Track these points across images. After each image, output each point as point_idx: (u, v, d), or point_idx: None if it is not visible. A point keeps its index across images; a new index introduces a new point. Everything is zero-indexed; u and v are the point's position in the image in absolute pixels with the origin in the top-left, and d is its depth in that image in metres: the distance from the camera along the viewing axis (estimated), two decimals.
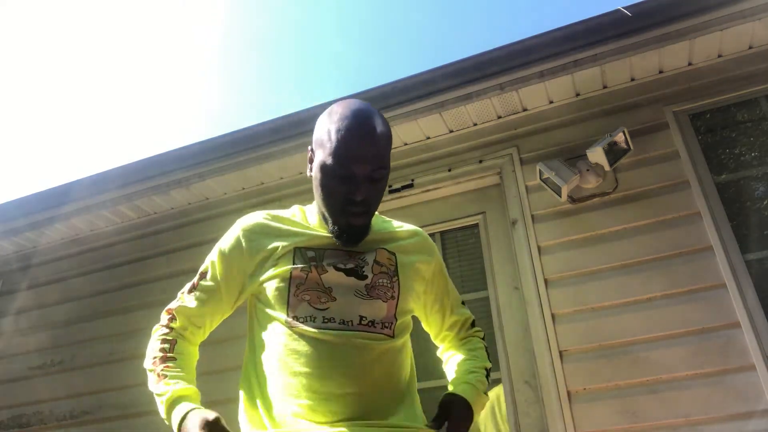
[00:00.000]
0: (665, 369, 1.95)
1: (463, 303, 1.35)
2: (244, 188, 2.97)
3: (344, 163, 1.04)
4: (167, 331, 1.16)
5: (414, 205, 2.68)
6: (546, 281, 2.23)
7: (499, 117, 2.61)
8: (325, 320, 1.05)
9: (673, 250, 2.11)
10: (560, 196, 2.27)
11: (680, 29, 2.20)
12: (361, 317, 1.07)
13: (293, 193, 2.88)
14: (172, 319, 1.18)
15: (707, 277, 2.03)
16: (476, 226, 2.57)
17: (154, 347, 1.14)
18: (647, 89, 2.43)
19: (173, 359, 1.11)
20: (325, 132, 1.08)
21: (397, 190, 2.66)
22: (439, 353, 1.36)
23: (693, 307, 2.00)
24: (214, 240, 1.23)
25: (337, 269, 1.09)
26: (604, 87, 2.49)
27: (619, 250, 2.18)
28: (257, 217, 1.20)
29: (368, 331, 1.06)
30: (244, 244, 1.15)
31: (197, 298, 1.17)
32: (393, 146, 2.90)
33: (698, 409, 1.87)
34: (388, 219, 1.29)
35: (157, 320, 1.24)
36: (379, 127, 1.08)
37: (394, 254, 1.17)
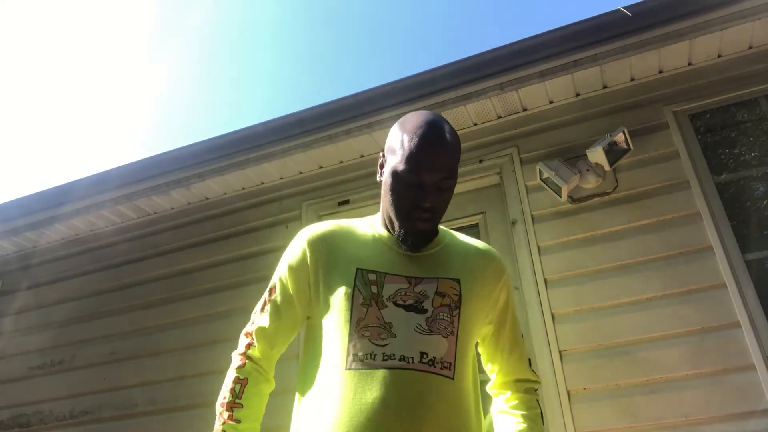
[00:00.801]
0: (665, 369, 1.95)
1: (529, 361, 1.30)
2: (244, 188, 2.97)
3: (415, 170, 1.07)
4: (242, 363, 1.15)
5: None
6: (546, 281, 2.23)
7: (499, 117, 2.61)
8: (386, 357, 1.03)
9: (673, 250, 2.11)
10: (560, 196, 2.27)
11: (680, 29, 2.20)
12: (422, 354, 1.04)
13: (293, 193, 2.88)
14: (251, 345, 1.17)
15: (707, 277, 2.03)
16: (476, 226, 2.56)
17: (226, 384, 1.14)
18: (647, 89, 2.43)
19: (239, 407, 1.11)
20: (398, 140, 1.12)
21: None
22: (489, 388, 1.29)
23: (693, 307, 2.00)
24: (215, 240, 1.24)
25: (397, 305, 1.08)
26: (604, 87, 2.49)
27: (619, 250, 2.18)
28: (322, 227, 1.21)
29: (428, 371, 1.03)
30: (309, 256, 1.16)
31: (271, 315, 1.18)
32: None
33: (698, 409, 1.87)
34: (461, 236, 1.28)
35: (158, 320, 1.24)
36: (450, 138, 1.11)
37: (458, 281, 1.14)
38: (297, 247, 1.19)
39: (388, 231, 1.18)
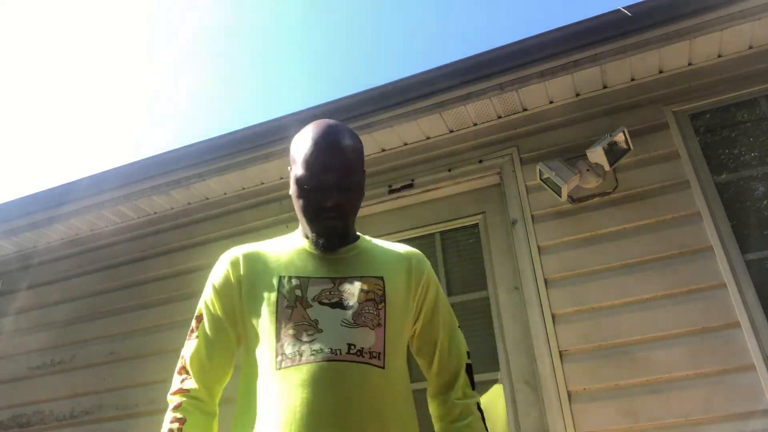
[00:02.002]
0: (665, 369, 1.95)
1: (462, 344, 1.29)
2: (244, 188, 2.97)
3: (313, 173, 1.12)
4: (178, 403, 1.12)
5: (414, 205, 2.69)
6: (546, 281, 2.23)
7: (499, 117, 2.61)
8: (313, 352, 1.05)
9: (673, 250, 2.11)
10: (560, 196, 2.27)
11: (680, 29, 2.20)
12: (350, 345, 1.06)
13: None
14: (186, 379, 1.14)
15: (707, 277, 2.03)
16: (476, 226, 2.57)
17: (164, 426, 1.10)
18: (647, 89, 2.43)
19: None
20: (296, 149, 1.17)
21: (397, 190, 2.66)
22: (429, 397, 1.30)
23: (693, 307, 2.00)
24: (214, 240, 1.24)
25: (322, 304, 1.10)
26: (604, 87, 2.49)
27: (619, 250, 2.18)
28: (242, 247, 1.23)
29: (357, 361, 1.05)
30: (232, 275, 1.18)
31: (201, 342, 1.16)
32: (393, 146, 2.93)
33: (698, 409, 1.87)
34: (381, 242, 1.29)
35: (158, 320, 1.24)
36: (345, 140, 1.16)
37: (381, 278, 1.17)
38: (220, 269, 1.21)
39: (308, 239, 1.21)
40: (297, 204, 1.17)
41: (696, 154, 2.24)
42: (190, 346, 1.16)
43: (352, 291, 1.13)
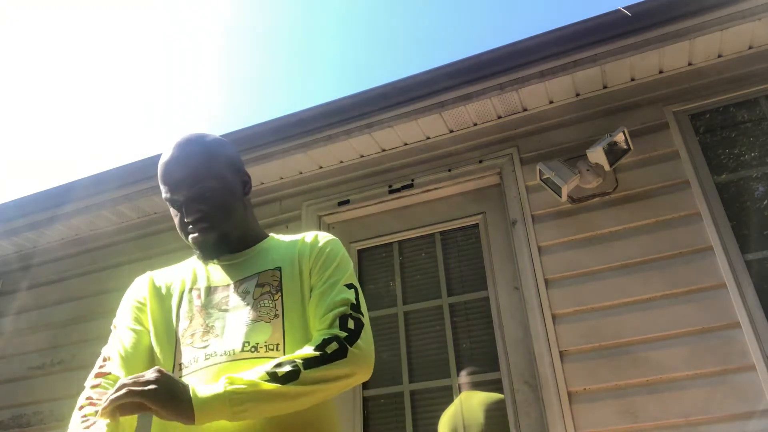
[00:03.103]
0: (665, 369, 1.95)
1: (353, 297, 1.10)
2: None
3: (166, 195, 1.15)
4: (97, 383, 1.05)
5: (414, 205, 2.69)
6: (546, 281, 2.23)
7: (499, 117, 2.61)
8: (207, 356, 1.03)
9: (673, 250, 2.11)
10: (560, 196, 2.27)
11: (680, 29, 2.20)
12: (244, 343, 1.03)
13: (293, 193, 2.88)
14: (105, 365, 1.09)
15: (707, 277, 2.03)
16: (476, 226, 2.57)
17: (74, 417, 1.01)
18: (647, 89, 2.43)
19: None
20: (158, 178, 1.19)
21: (397, 190, 2.67)
22: None
23: (693, 307, 2.00)
24: None
25: (222, 310, 1.10)
26: (604, 87, 2.49)
27: (619, 250, 2.18)
28: (149, 272, 1.25)
29: (251, 357, 1.01)
30: (138, 293, 1.20)
31: (118, 341, 1.12)
32: (393, 146, 2.92)
33: (698, 409, 1.87)
34: (292, 236, 1.24)
35: None
36: (190, 149, 1.15)
37: (278, 269, 1.14)
38: (131, 289, 1.23)
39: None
40: (175, 223, 1.18)
41: (696, 154, 2.24)
42: (106, 351, 1.13)
43: (249, 289, 1.12)
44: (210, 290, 1.14)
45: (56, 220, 3.10)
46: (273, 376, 0.93)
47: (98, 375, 1.07)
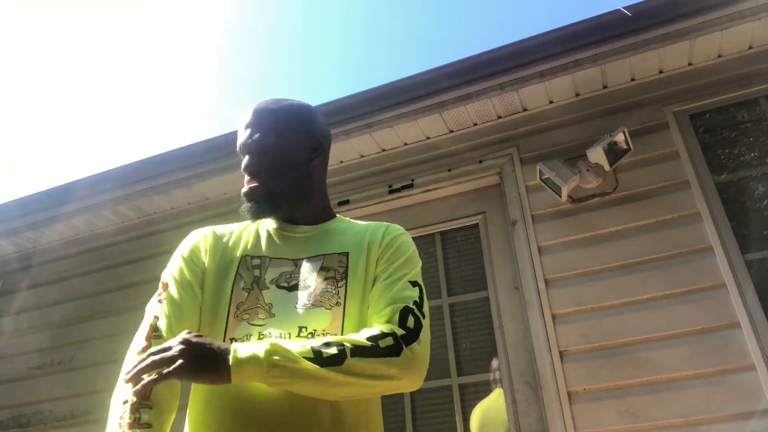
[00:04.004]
0: (665, 369, 1.95)
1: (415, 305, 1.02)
2: None
3: (238, 141, 1.17)
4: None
5: (414, 205, 2.69)
6: (546, 281, 2.23)
7: (499, 117, 2.61)
8: (261, 336, 0.98)
9: (673, 250, 2.11)
10: (560, 196, 2.27)
11: (680, 29, 2.20)
12: (300, 328, 0.98)
13: None
14: (155, 338, 1.01)
15: (707, 277, 2.03)
16: (476, 226, 2.57)
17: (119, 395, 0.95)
18: (647, 89, 2.43)
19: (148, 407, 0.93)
20: None
21: (397, 190, 2.66)
22: None
23: (693, 307, 2.00)
24: None
25: (279, 287, 1.04)
26: (604, 87, 2.49)
27: (619, 250, 2.18)
28: (211, 227, 1.20)
29: None
30: (201, 245, 1.14)
31: (168, 303, 1.05)
32: (393, 146, 2.92)
33: (698, 409, 1.87)
34: (359, 221, 1.22)
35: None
36: (266, 105, 1.18)
37: (346, 254, 1.08)
38: (188, 241, 1.16)
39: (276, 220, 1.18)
40: None
41: (696, 154, 2.24)
42: (155, 309, 1.06)
43: (312, 271, 1.06)
44: (270, 262, 1.08)
45: (56, 220, 3.10)
46: (317, 356, 0.88)
47: (148, 337, 1.02)
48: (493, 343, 2.30)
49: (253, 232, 1.16)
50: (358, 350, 0.90)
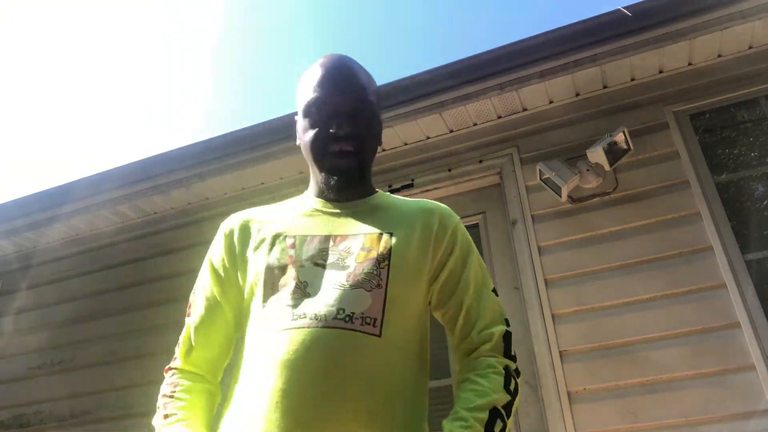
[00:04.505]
0: (665, 369, 1.95)
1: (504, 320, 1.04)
2: (244, 188, 2.97)
3: (326, 96, 1.01)
4: (169, 383, 1.01)
5: None
6: (546, 281, 2.23)
7: (499, 117, 2.61)
8: (295, 317, 0.90)
9: (673, 250, 2.11)
10: (560, 196, 2.27)
11: (680, 29, 2.20)
12: (339, 310, 0.90)
13: (293, 192, 2.84)
14: (173, 368, 1.04)
15: (707, 277, 2.03)
16: (476, 226, 2.57)
17: (157, 415, 0.98)
18: (647, 89, 2.43)
19: (179, 400, 0.97)
20: (304, 85, 1.06)
21: (397, 190, 2.66)
22: (456, 365, 1.07)
23: (693, 307, 2.00)
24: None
25: (316, 265, 0.96)
26: (604, 87, 2.49)
27: (619, 250, 2.18)
28: (238, 214, 1.12)
29: (345, 328, 0.89)
30: (224, 242, 1.07)
31: (193, 318, 1.05)
32: (393, 146, 2.92)
33: (698, 409, 1.87)
34: (404, 198, 1.15)
35: (158, 320, 1.20)
36: (357, 66, 1.08)
37: (390, 234, 0.99)
38: (217, 241, 1.10)
39: (317, 194, 1.09)
40: (306, 141, 1.04)
41: (696, 154, 2.24)
42: (183, 331, 1.06)
43: (352, 249, 0.98)
44: (307, 239, 1.00)
45: (56, 220, 3.10)
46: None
47: (169, 369, 1.03)
48: None
49: (285, 213, 1.08)
50: (509, 409, 0.92)
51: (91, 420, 2.76)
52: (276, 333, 0.90)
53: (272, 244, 1.00)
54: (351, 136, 1.00)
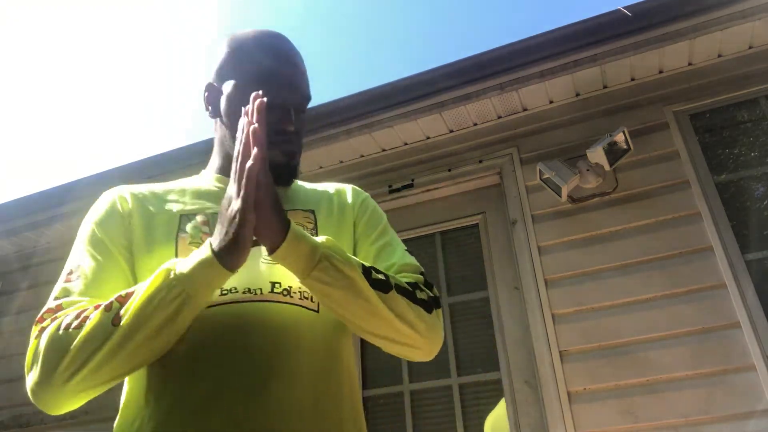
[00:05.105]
0: (665, 369, 1.95)
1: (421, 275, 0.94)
2: None
3: (279, 88, 0.91)
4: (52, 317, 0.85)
5: (414, 205, 2.69)
6: (546, 281, 2.23)
7: (499, 117, 2.61)
8: (223, 292, 0.80)
9: (673, 250, 2.11)
10: (560, 196, 2.27)
11: (680, 29, 2.20)
12: (274, 284, 0.83)
13: None
14: (51, 310, 0.87)
15: (707, 277, 2.03)
16: (476, 226, 2.57)
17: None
18: (647, 89, 2.43)
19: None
20: (238, 57, 0.95)
21: (397, 190, 2.66)
22: None
23: (693, 307, 2.00)
24: None
25: None
26: (604, 87, 2.49)
27: (619, 250, 2.18)
28: (127, 186, 1.02)
29: (284, 302, 0.81)
30: (121, 207, 0.95)
31: (82, 276, 0.91)
32: (393, 146, 2.93)
33: (698, 409, 1.87)
34: (306, 183, 1.12)
35: None
36: (300, 56, 0.99)
37: (312, 211, 0.96)
38: (101, 205, 0.98)
39: (221, 172, 1.02)
40: (233, 127, 0.93)
41: (696, 154, 2.24)
42: (63, 288, 0.93)
43: None
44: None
45: (56, 220, 3.10)
46: (367, 274, 0.78)
47: (51, 310, 0.88)
48: (493, 343, 2.30)
49: (187, 190, 1.00)
50: (402, 289, 0.81)
51: (91, 420, 2.76)
52: (203, 313, 0.78)
53: (180, 223, 0.90)
54: (298, 134, 0.96)
